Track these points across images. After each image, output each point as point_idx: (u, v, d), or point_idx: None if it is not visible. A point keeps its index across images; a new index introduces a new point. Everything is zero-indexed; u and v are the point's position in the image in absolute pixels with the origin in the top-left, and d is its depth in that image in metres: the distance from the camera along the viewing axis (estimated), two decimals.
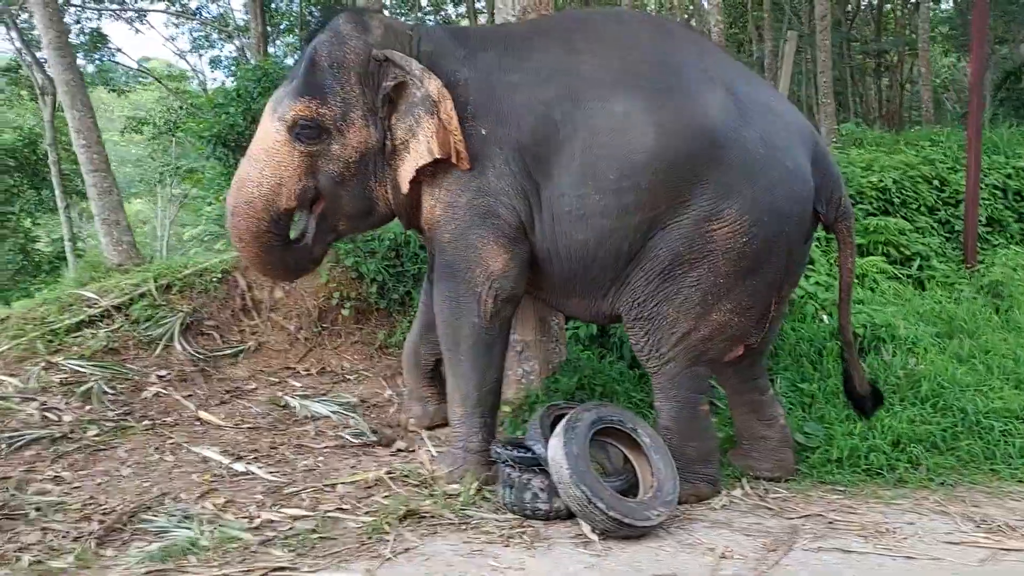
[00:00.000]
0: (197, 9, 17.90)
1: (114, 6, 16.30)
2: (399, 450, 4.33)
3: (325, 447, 4.29)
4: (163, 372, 4.82)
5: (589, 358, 4.88)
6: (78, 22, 15.87)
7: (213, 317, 5.30)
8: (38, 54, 12.03)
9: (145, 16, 17.05)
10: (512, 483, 3.55)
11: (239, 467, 3.96)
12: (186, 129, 9.79)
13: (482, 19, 17.88)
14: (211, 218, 10.16)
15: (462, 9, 19.52)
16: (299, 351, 5.35)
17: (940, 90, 20.82)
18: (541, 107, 3.55)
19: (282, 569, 2.99)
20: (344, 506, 3.61)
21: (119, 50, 25.26)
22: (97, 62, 16.79)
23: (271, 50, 15.26)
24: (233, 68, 19.31)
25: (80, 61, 13.78)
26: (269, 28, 14.48)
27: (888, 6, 19.87)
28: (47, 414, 4.25)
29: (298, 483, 3.83)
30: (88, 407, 4.37)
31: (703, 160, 3.43)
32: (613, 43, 3.65)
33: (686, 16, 17.10)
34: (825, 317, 5.53)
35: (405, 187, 3.70)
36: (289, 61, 12.48)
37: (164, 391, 4.67)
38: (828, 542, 3.32)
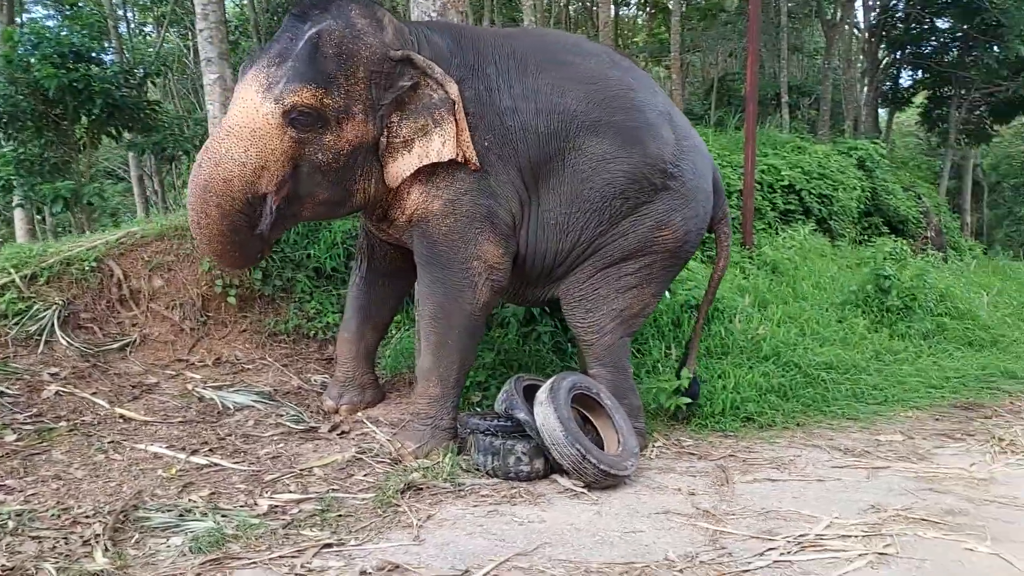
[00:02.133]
0: None
1: None
2: (342, 433, 4.40)
3: (272, 435, 4.25)
4: (54, 370, 4.39)
5: (504, 336, 5.25)
6: None
7: (89, 309, 4.88)
8: None
9: None
10: (495, 450, 3.86)
11: (200, 460, 3.83)
12: None
13: None
14: None
15: None
16: (187, 342, 5.11)
17: None
18: (534, 138, 3.98)
19: (330, 546, 3.07)
20: (334, 487, 3.69)
21: None
22: None
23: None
24: None
25: None
26: None
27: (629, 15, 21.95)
28: None
29: (271, 471, 3.81)
30: None
31: (659, 186, 4.19)
32: (587, 79, 4.11)
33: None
34: (667, 294, 6.37)
35: (397, 182, 3.83)
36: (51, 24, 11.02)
37: (64, 389, 4.27)
38: (754, 475, 4.06)
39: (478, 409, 4.69)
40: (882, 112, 20.62)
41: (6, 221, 17.52)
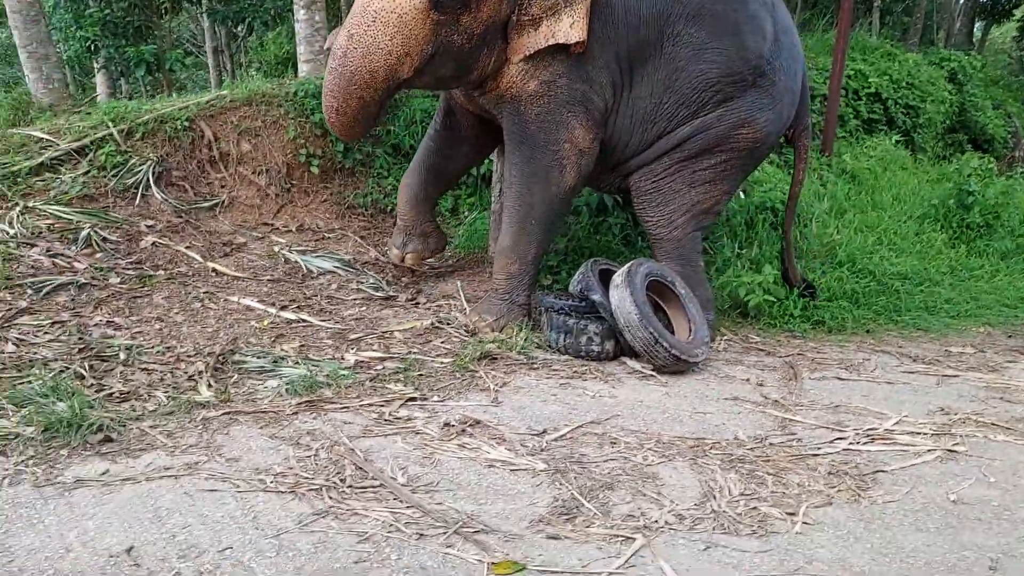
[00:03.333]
0: None
1: None
2: (416, 304, 4.55)
3: (354, 299, 4.42)
4: (150, 222, 4.60)
5: (576, 224, 5.30)
6: None
7: (180, 167, 5.04)
8: None
9: None
10: (568, 329, 3.97)
11: (289, 315, 4.02)
12: None
13: None
14: None
15: None
16: (271, 207, 5.27)
17: None
18: (636, 20, 3.89)
19: (414, 400, 3.24)
20: (414, 350, 3.85)
21: None
22: None
23: None
24: None
25: None
26: None
27: None
28: (55, 260, 3.99)
29: (355, 330, 3.99)
30: (97, 255, 4.14)
31: (750, 82, 4.09)
32: None
33: None
34: (742, 194, 6.31)
35: (518, 59, 3.77)
36: None
37: (160, 241, 4.48)
38: (823, 373, 4.11)
39: (548, 290, 4.78)
40: (977, 25, 19.48)
41: (82, 87, 17.83)
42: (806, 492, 2.65)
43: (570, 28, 3.69)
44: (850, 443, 3.10)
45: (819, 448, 3.03)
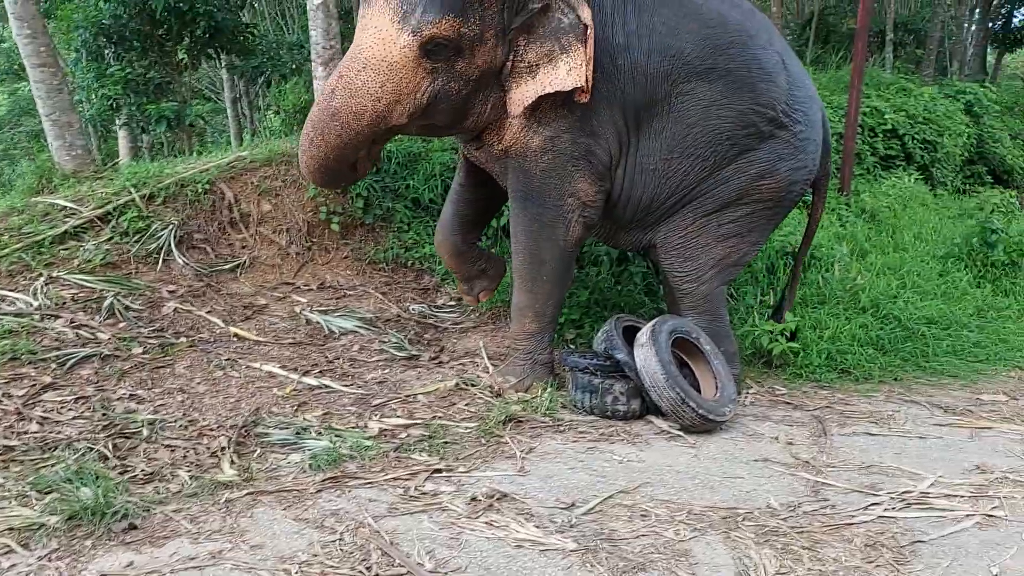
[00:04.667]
0: None
1: None
2: (439, 363, 4.53)
3: (376, 361, 4.41)
4: (172, 287, 4.63)
5: (597, 275, 5.28)
6: None
7: (202, 230, 5.08)
8: None
9: None
10: (594, 388, 3.93)
11: (312, 381, 4.01)
12: (63, 16, 8.69)
13: None
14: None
15: None
16: (292, 266, 5.29)
17: None
18: (643, 79, 3.85)
19: (439, 471, 3.20)
20: (438, 414, 3.82)
21: None
22: None
23: None
24: None
25: None
26: None
27: None
28: (79, 331, 4.01)
29: (378, 395, 3.97)
30: (120, 324, 4.16)
31: (767, 135, 4.06)
32: (705, 22, 3.89)
33: None
34: None
35: (519, 110, 3.71)
36: None
37: (182, 307, 4.50)
38: (852, 428, 4.04)
39: (572, 347, 4.75)
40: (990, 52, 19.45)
41: (104, 139, 18.17)
42: (843, 568, 2.58)
43: (567, 75, 3.60)
44: (885, 509, 3.03)
45: (853, 516, 2.96)
